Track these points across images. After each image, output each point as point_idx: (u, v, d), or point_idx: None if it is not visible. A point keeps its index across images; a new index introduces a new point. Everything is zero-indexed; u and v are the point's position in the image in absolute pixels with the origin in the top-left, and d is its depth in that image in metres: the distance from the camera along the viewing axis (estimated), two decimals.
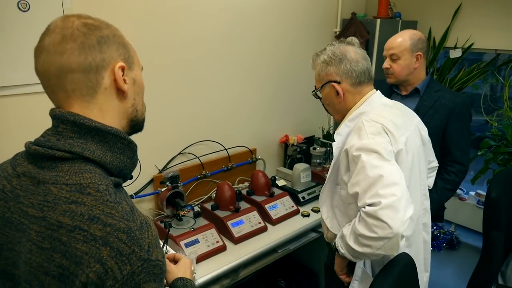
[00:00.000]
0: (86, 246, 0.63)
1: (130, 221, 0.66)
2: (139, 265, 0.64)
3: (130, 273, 0.63)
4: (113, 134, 0.75)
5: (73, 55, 0.70)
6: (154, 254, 0.67)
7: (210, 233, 1.83)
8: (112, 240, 0.63)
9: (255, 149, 2.52)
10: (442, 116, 1.87)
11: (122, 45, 0.77)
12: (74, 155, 0.70)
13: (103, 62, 0.73)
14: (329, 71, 1.37)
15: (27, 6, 1.49)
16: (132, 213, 0.68)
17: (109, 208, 0.66)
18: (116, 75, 0.75)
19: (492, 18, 2.73)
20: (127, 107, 0.80)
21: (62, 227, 0.65)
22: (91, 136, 0.72)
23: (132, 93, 0.80)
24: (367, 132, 1.23)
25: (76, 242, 0.64)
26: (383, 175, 1.12)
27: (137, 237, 0.65)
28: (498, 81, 2.96)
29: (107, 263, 0.62)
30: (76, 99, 0.73)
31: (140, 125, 0.87)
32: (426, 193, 1.49)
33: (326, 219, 1.44)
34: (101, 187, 0.68)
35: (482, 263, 1.85)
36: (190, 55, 2.08)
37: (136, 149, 0.82)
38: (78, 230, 0.64)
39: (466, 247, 3.20)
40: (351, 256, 1.22)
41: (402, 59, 1.87)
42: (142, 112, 0.86)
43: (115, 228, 0.64)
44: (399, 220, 1.07)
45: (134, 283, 0.64)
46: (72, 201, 0.66)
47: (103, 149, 0.73)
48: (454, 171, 1.85)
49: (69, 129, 0.72)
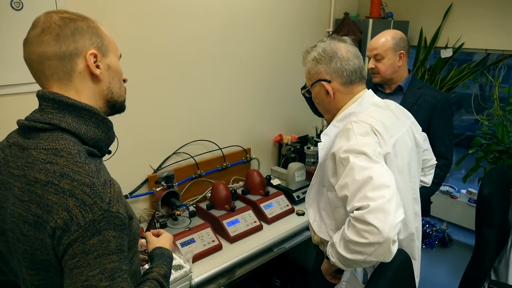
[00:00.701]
0: (56, 197, 0.75)
1: (95, 178, 0.78)
2: (99, 214, 0.75)
3: (92, 220, 0.74)
4: (88, 110, 0.86)
5: (49, 45, 0.82)
6: (115, 207, 0.78)
7: (206, 232, 1.83)
8: (77, 193, 0.75)
9: (249, 148, 2.52)
10: (425, 112, 1.91)
11: (96, 35, 0.88)
12: (53, 126, 0.82)
13: (76, 50, 0.84)
14: (319, 69, 1.31)
15: (20, 5, 1.48)
16: (98, 172, 0.79)
17: (77, 167, 0.78)
18: (88, 61, 0.85)
19: (482, 18, 2.77)
20: (102, 89, 0.90)
21: (38, 182, 0.78)
22: (68, 111, 0.84)
23: (107, 77, 0.91)
24: (355, 133, 1.18)
25: (48, 194, 0.76)
26: (372, 177, 1.07)
27: (100, 191, 0.76)
28: (488, 80, 3.00)
29: (73, 211, 0.74)
30: (54, 82, 0.85)
31: (120, 106, 0.97)
32: (417, 197, 1.43)
33: (313, 222, 1.38)
34: (73, 151, 0.80)
35: (475, 259, 1.87)
36: (184, 55, 2.07)
37: (111, 125, 0.92)
38: (50, 184, 0.76)
39: (458, 244, 3.24)
40: (342, 264, 1.16)
41: (386, 59, 1.91)
42: (120, 94, 0.95)
43: (80, 182, 0.76)
44: (389, 224, 1.01)
45: (95, 229, 0.74)
46: (48, 162, 0.78)
47: (78, 122, 0.84)
48: (439, 165, 1.88)
49: (50, 105, 0.84)
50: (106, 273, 0.75)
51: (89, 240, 0.74)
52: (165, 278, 0.98)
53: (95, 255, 0.75)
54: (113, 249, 0.77)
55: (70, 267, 0.75)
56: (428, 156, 1.59)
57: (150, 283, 0.93)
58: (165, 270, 0.99)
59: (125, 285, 0.79)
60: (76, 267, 0.74)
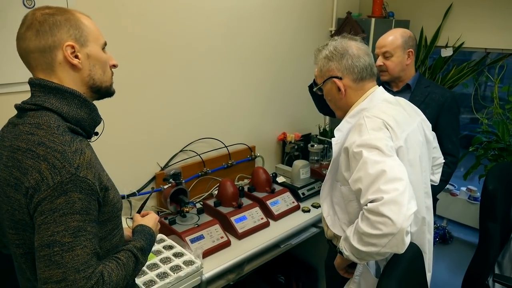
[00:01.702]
0: (32, 161, 0.86)
1: (66, 146, 0.87)
2: (67, 177, 0.84)
3: (60, 182, 0.84)
4: (70, 92, 0.95)
5: (31, 40, 0.92)
6: (83, 173, 0.87)
7: (214, 229, 1.84)
8: (49, 157, 0.85)
9: (254, 146, 2.54)
10: (433, 110, 1.93)
11: (74, 27, 0.95)
12: (38, 107, 0.93)
13: (54, 43, 0.93)
14: (331, 66, 1.34)
15: (32, 3, 1.49)
16: (71, 142, 0.89)
17: (53, 137, 0.88)
18: (65, 53, 0.94)
19: (482, 18, 2.81)
20: (83, 76, 0.98)
21: (19, 149, 0.89)
22: (53, 94, 0.94)
23: (87, 65, 0.98)
24: (368, 128, 1.20)
25: (26, 159, 0.87)
26: (385, 170, 1.09)
27: (69, 157, 0.86)
28: (488, 79, 3.04)
29: (44, 173, 0.84)
30: (39, 72, 0.95)
31: (105, 91, 1.05)
32: (429, 191, 1.45)
33: (327, 216, 1.40)
34: (52, 125, 0.90)
35: (479, 254, 1.90)
36: (190, 54, 2.09)
37: (94, 107, 1.01)
38: (29, 151, 0.87)
39: (458, 241, 3.28)
40: (356, 257, 1.18)
41: (395, 56, 1.93)
42: (103, 80, 1.03)
43: (53, 149, 0.86)
44: (403, 215, 1.03)
45: (62, 190, 0.84)
46: (30, 133, 0.89)
47: (61, 103, 0.94)
48: (446, 163, 1.90)
49: (37, 89, 0.95)
50: (69, 230, 0.84)
51: (56, 199, 0.83)
52: (141, 251, 1.03)
53: (60, 213, 0.83)
54: (78, 210, 0.85)
55: (38, 223, 0.84)
56: (436, 154, 1.61)
57: (124, 253, 0.99)
58: (142, 244, 1.05)
59: (88, 244, 0.87)
60: (44, 223, 0.83)
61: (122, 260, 0.96)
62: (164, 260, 1.61)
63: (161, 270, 1.54)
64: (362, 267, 1.31)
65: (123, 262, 0.96)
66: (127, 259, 0.98)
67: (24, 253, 0.94)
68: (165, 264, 1.58)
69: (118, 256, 0.97)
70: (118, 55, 1.76)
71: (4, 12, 1.43)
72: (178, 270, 1.54)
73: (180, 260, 1.60)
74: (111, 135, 1.81)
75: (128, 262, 0.98)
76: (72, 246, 0.84)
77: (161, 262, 1.59)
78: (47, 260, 0.83)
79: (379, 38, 2.00)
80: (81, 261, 0.84)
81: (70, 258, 0.83)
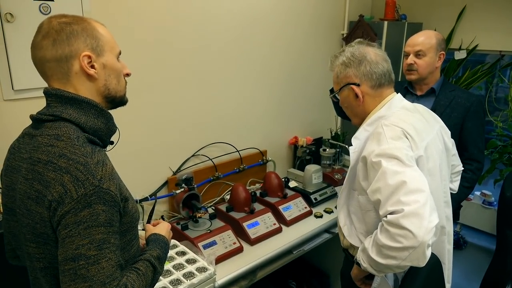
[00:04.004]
0: (54, 174, 0.85)
1: (89, 157, 0.87)
2: (91, 189, 0.83)
3: (83, 194, 0.83)
4: (87, 102, 0.95)
5: (47, 49, 0.91)
6: (106, 184, 0.86)
7: (227, 234, 1.83)
8: (72, 170, 0.84)
9: (265, 150, 2.53)
10: (459, 114, 1.90)
11: (90, 37, 0.94)
12: (56, 117, 0.92)
13: (71, 52, 0.92)
14: (348, 73, 1.32)
15: (48, 9, 1.50)
16: (92, 154, 0.88)
17: (74, 149, 0.87)
18: (81, 63, 0.93)
19: (496, 20, 2.77)
20: (98, 86, 0.97)
21: (40, 162, 0.88)
22: (70, 104, 0.93)
23: (103, 75, 0.97)
24: (387, 137, 1.17)
25: (48, 172, 0.86)
26: (405, 181, 1.06)
27: (92, 169, 0.85)
28: (503, 82, 2.99)
29: (67, 186, 0.83)
30: (55, 81, 0.94)
31: (119, 101, 1.04)
32: (448, 200, 1.41)
33: (344, 226, 1.37)
34: (72, 136, 0.89)
35: (497, 262, 1.87)
36: (202, 58, 2.08)
37: (110, 117, 1.00)
38: (50, 163, 0.86)
39: (472, 247, 3.23)
40: (374, 270, 1.15)
41: (428, 56, 1.91)
42: (117, 90, 1.02)
43: (75, 161, 0.85)
44: (424, 228, 1.00)
45: (86, 202, 0.83)
46: (50, 145, 0.88)
47: (79, 113, 0.93)
48: (471, 169, 1.87)
49: (54, 100, 0.94)
50: (94, 243, 0.83)
51: (80, 212, 0.82)
52: (158, 260, 1.03)
53: (85, 226, 0.83)
54: (102, 222, 0.85)
55: (63, 237, 0.83)
56: (455, 162, 1.57)
57: (142, 263, 0.98)
58: (158, 252, 1.04)
59: (112, 256, 0.86)
60: (68, 236, 0.82)
61: (141, 270, 0.95)
62: (177, 266, 1.60)
63: (174, 277, 1.53)
64: (380, 278, 1.28)
65: (142, 272, 0.95)
66: (145, 269, 0.97)
67: (44, 267, 0.93)
68: (178, 270, 1.57)
69: (137, 266, 0.96)
70: (131, 60, 1.77)
71: (20, 17, 1.44)
72: (191, 277, 1.53)
73: (193, 267, 1.59)
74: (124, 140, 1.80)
75: (147, 272, 0.97)
76: (97, 259, 0.83)
77: (174, 268, 1.58)
78: (73, 274, 0.82)
79: (411, 36, 1.99)
80: (107, 274, 0.84)
81: (96, 271, 0.83)
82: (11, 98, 1.49)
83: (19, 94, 1.50)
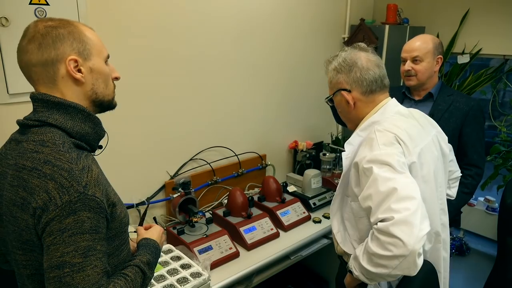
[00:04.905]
0: (39, 181, 0.84)
1: (73, 164, 0.85)
2: (75, 196, 0.82)
3: (68, 201, 0.82)
4: (73, 107, 0.93)
5: (33, 53, 0.90)
6: (91, 191, 0.85)
7: (223, 239, 1.82)
8: (56, 176, 0.83)
9: (265, 155, 2.51)
10: (458, 119, 1.87)
11: (77, 40, 0.93)
12: (41, 122, 0.91)
13: (57, 56, 0.90)
14: (339, 79, 1.31)
15: (44, 13, 1.50)
16: (78, 160, 0.87)
17: (59, 155, 0.86)
18: (68, 67, 0.92)
19: (500, 24, 2.73)
20: (86, 90, 0.96)
21: (25, 168, 0.87)
22: (56, 109, 0.92)
23: (90, 79, 0.96)
24: (379, 143, 1.15)
25: (32, 178, 0.85)
26: (396, 188, 1.04)
27: (77, 175, 0.84)
28: (507, 86, 2.95)
29: (51, 193, 0.82)
30: (41, 86, 0.93)
31: (107, 105, 1.03)
32: (445, 207, 1.39)
33: (337, 233, 1.36)
34: (57, 142, 0.88)
35: (498, 269, 1.83)
36: (200, 62, 2.08)
37: (98, 121, 0.99)
38: (35, 170, 0.85)
39: (475, 253, 3.18)
40: (366, 278, 1.13)
41: (426, 62, 1.88)
42: (105, 94, 1.00)
43: (60, 168, 0.84)
44: (415, 236, 0.99)
45: (71, 209, 0.82)
46: (35, 151, 0.87)
47: (65, 118, 0.92)
48: (471, 174, 1.84)
49: (40, 105, 0.93)
50: (79, 251, 0.82)
51: (65, 219, 0.82)
52: (148, 265, 1.01)
53: (70, 233, 0.82)
54: (87, 229, 0.84)
55: (47, 244, 0.82)
56: (453, 168, 1.54)
57: (131, 268, 0.97)
58: (148, 258, 1.03)
59: (98, 264, 0.85)
60: (53, 243, 0.82)
61: (130, 276, 0.94)
62: (171, 271, 1.59)
63: (167, 282, 1.52)
64: (373, 287, 1.27)
65: (131, 279, 0.94)
66: (134, 275, 0.96)
67: (31, 274, 0.93)
68: (172, 275, 1.56)
69: (126, 272, 0.95)
70: (129, 65, 1.78)
71: (15, 22, 1.44)
72: (185, 282, 1.52)
73: (187, 272, 1.58)
74: (121, 143, 1.82)
75: (136, 278, 0.96)
76: (82, 266, 0.82)
77: (168, 273, 1.57)
78: (57, 281, 0.81)
79: (407, 42, 1.96)
80: (92, 281, 0.83)
81: (81, 278, 0.82)
82: (6, 102, 1.49)
83: (14, 98, 1.50)
